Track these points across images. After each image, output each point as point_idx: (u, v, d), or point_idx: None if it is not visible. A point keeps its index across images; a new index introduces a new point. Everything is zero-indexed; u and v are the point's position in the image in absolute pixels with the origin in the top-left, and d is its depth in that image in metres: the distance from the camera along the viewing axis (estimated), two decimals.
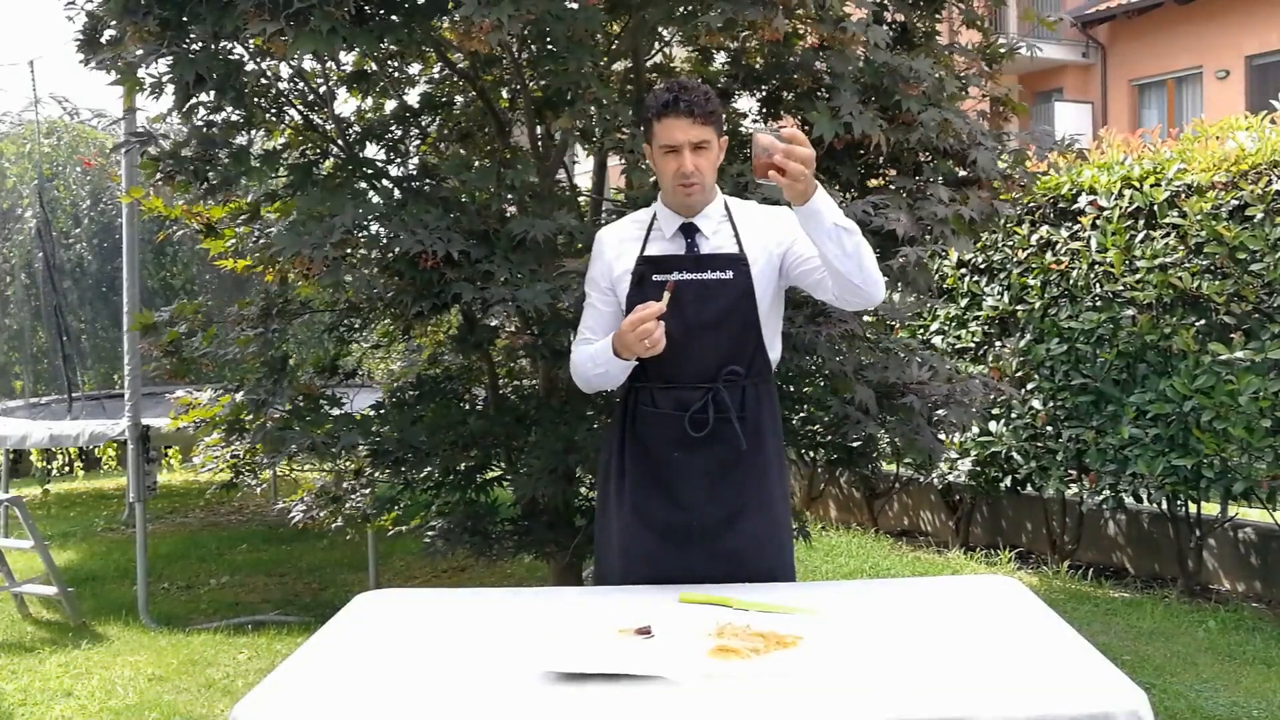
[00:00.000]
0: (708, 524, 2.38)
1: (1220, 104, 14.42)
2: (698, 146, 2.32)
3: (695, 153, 2.32)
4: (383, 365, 6.78)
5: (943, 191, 3.58)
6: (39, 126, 8.98)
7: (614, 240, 2.48)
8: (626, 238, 2.47)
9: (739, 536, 2.39)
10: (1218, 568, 5.02)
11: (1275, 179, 4.33)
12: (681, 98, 2.29)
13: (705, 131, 2.32)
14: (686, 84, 2.34)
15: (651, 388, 2.42)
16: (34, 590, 5.12)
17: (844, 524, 6.65)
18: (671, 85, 2.34)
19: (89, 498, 8.81)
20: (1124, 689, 1.63)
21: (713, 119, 2.33)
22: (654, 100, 2.34)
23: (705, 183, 2.36)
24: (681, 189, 2.35)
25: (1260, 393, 4.31)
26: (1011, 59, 4.21)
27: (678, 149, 2.31)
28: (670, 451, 2.39)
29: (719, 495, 2.39)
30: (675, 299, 2.30)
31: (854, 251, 2.21)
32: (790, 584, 2.35)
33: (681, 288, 2.33)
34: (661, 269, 2.38)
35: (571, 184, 4.42)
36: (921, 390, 3.86)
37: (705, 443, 2.37)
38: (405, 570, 5.88)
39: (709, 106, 2.31)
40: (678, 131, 2.30)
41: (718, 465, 2.38)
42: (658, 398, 2.41)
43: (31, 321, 9.22)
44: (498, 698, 1.69)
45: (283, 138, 4.27)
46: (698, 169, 2.32)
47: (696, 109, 2.29)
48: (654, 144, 2.36)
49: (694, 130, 2.30)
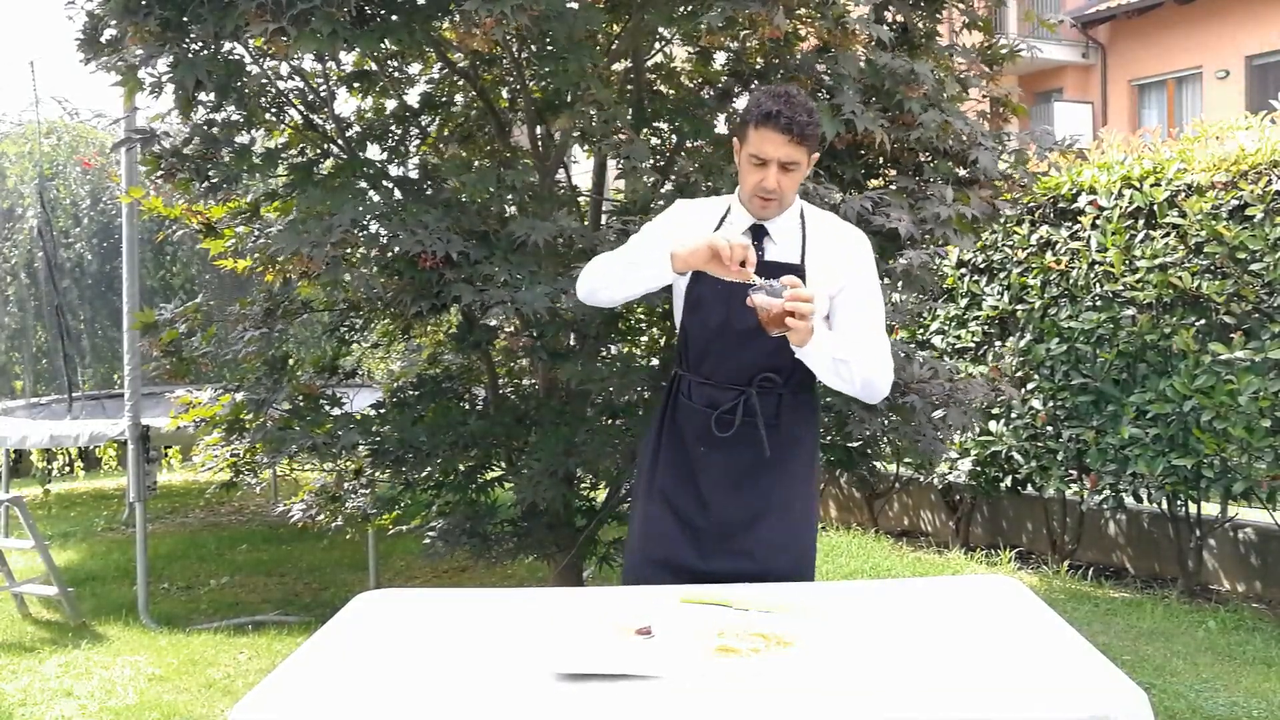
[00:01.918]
0: (726, 522, 2.39)
1: (1220, 104, 14.41)
2: (786, 165, 2.26)
3: (782, 171, 2.27)
4: (383, 365, 6.78)
5: (944, 191, 3.58)
6: (39, 126, 8.97)
7: (692, 215, 2.43)
8: (703, 219, 2.42)
9: (755, 539, 2.39)
10: (1218, 568, 5.02)
11: (1275, 179, 4.33)
12: (784, 114, 2.21)
13: (798, 152, 2.26)
14: (794, 98, 2.25)
15: (690, 379, 2.43)
16: (34, 590, 5.11)
17: (844, 524, 6.65)
18: (779, 95, 2.25)
19: (89, 498, 8.80)
20: (1124, 689, 1.63)
21: (809, 141, 2.26)
22: (756, 105, 2.26)
23: (785, 200, 2.33)
24: (759, 200, 2.32)
25: (1260, 393, 4.31)
26: (1013, 61, 4.21)
27: (766, 163, 2.26)
28: (698, 446, 2.41)
29: (741, 496, 2.39)
30: (728, 298, 2.27)
31: (852, 378, 2.27)
32: (790, 584, 2.35)
33: (737, 291, 2.24)
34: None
35: (571, 184, 4.42)
36: (922, 390, 3.86)
37: (730, 444, 2.37)
38: (405, 570, 5.88)
39: (809, 130, 2.24)
40: (770, 146, 2.24)
41: (741, 467, 2.38)
42: (693, 391, 2.42)
43: (32, 321, 9.22)
44: (498, 698, 1.69)
45: (283, 137, 4.27)
46: (780, 187, 2.28)
47: (795, 129, 2.22)
48: (744, 146, 2.31)
49: (786, 149, 2.24)
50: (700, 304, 2.37)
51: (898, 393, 3.81)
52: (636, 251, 2.36)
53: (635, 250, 2.38)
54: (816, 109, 2.30)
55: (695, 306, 2.38)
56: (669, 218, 2.46)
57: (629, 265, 2.34)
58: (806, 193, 3.34)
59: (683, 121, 3.93)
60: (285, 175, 4.05)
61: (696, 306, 2.38)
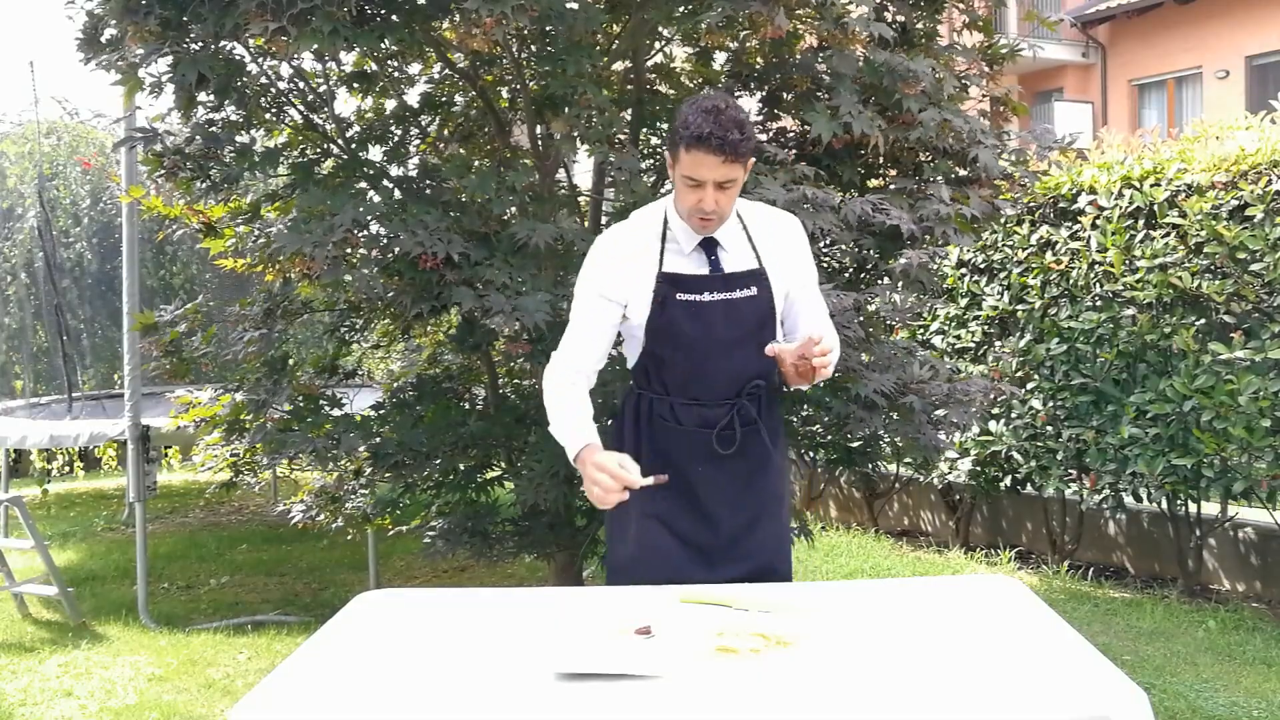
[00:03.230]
0: (731, 532, 2.37)
1: (1220, 104, 14.40)
2: (722, 184, 2.16)
3: (719, 189, 2.17)
4: (383, 365, 6.78)
5: (944, 191, 3.58)
6: (39, 126, 8.97)
7: (624, 250, 2.30)
8: (639, 249, 2.29)
9: (756, 540, 2.39)
10: (1218, 568, 5.02)
11: (1275, 179, 4.33)
12: (715, 134, 2.10)
13: (734, 170, 2.15)
14: (724, 115, 2.12)
15: (672, 401, 2.34)
16: (34, 590, 5.11)
17: (844, 524, 6.65)
18: (708, 111, 2.12)
19: (89, 498, 8.80)
20: (1124, 689, 1.63)
21: (744, 156, 2.16)
22: (684, 126, 2.14)
23: (724, 216, 2.24)
24: (699, 221, 2.23)
25: (1260, 392, 4.31)
26: (1014, 61, 4.22)
27: (701, 183, 2.16)
28: (695, 466, 2.34)
29: (741, 504, 2.37)
30: (702, 316, 2.25)
31: (831, 370, 2.27)
32: (790, 584, 2.35)
33: (710, 307, 2.25)
34: (688, 288, 2.27)
35: (571, 184, 4.42)
36: (922, 390, 3.86)
37: (728, 456, 2.34)
38: (405, 570, 5.88)
39: (743, 148, 2.13)
40: (704, 168, 2.14)
41: (740, 477, 2.37)
42: (680, 414, 2.34)
43: (31, 321, 9.22)
44: (498, 697, 1.69)
45: (283, 137, 4.27)
46: (719, 205, 2.18)
47: (728, 149, 2.11)
48: (676, 165, 2.20)
49: (722, 169, 2.14)
50: (672, 331, 2.28)
51: (898, 393, 3.81)
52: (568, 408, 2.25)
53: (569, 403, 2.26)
54: (748, 120, 2.16)
55: (667, 333, 2.29)
56: (602, 266, 2.30)
57: (555, 425, 2.27)
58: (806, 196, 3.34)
59: None
60: (286, 175, 4.06)
61: (669, 333, 2.29)
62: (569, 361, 2.32)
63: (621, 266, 2.29)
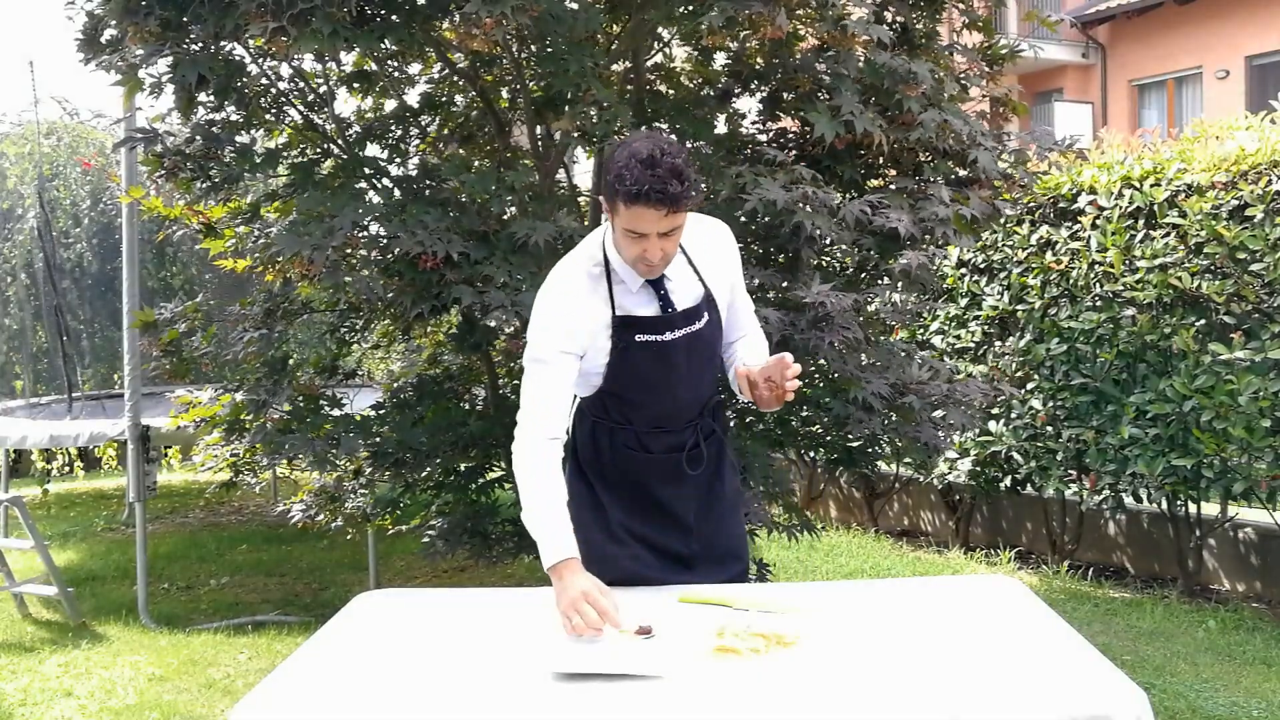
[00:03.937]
0: (706, 534, 2.40)
1: (1220, 104, 14.41)
2: (667, 233, 2.05)
3: (664, 238, 2.06)
4: (383, 365, 6.78)
5: (943, 192, 3.58)
6: (39, 127, 8.98)
7: (574, 299, 2.18)
8: (586, 292, 2.18)
9: (729, 535, 2.43)
10: (1218, 568, 5.02)
11: (1275, 179, 4.33)
12: (654, 190, 1.97)
13: (677, 219, 2.04)
14: (660, 167, 1.98)
15: (637, 431, 2.32)
16: (34, 590, 5.12)
17: (844, 524, 6.65)
18: (644, 163, 1.98)
19: (89, 498, 8.80)
20: (1124, 689, 1.63)
21: (687, 202, 2.02)
22: (619, 181, 2.00)
23: (670, 259, 2.13)
24: (642, 266, 2.12)
25: (1260, 393, 4.31)
26: (1013, 61, 4.22)
27: (644, 235, 2.05)
28: (663, 487, 2.35)
29: (707, 507, 2.41)
30: (664, 355, 2.22)
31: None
32: (790, 584, 2.36)
33: (671, 345, 2.21)
34: (646, 329, 2.19)
35: (571, 184, 4.42)
36: (922, 390, 3.86)
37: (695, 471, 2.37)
38: (405, 570, 5.88)
39: (685, 196, 2.00)
40: (646, 222, 2.02)
41: (706, 481, 2.40)
42: (648, 442, 2.32)
43: (31, 321, 9.23)
44: (498, 698, 1.69)
45: (283, 137, 4.27)
46: (665, 252, 2.09)
47: (669, 202, 1.99)
48: (615, 216, 2.08)
49: (665, 221, 2.02)
50: (637, 371, 2.23)
51: (898, 393, 3.81)
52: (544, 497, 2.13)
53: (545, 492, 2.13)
54: (686, 164, 2.01)
55: (631, 375, 2.23)
56: (552, 322, 2.17)
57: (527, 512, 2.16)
58: (807, 196, 3.34)
59: (683, 122, 3.93)
60: (286, 175, 4.06)
61: (632, 375, 2.23)
62: (540, 429, 2.17)
63: (574, 316, 2.17)
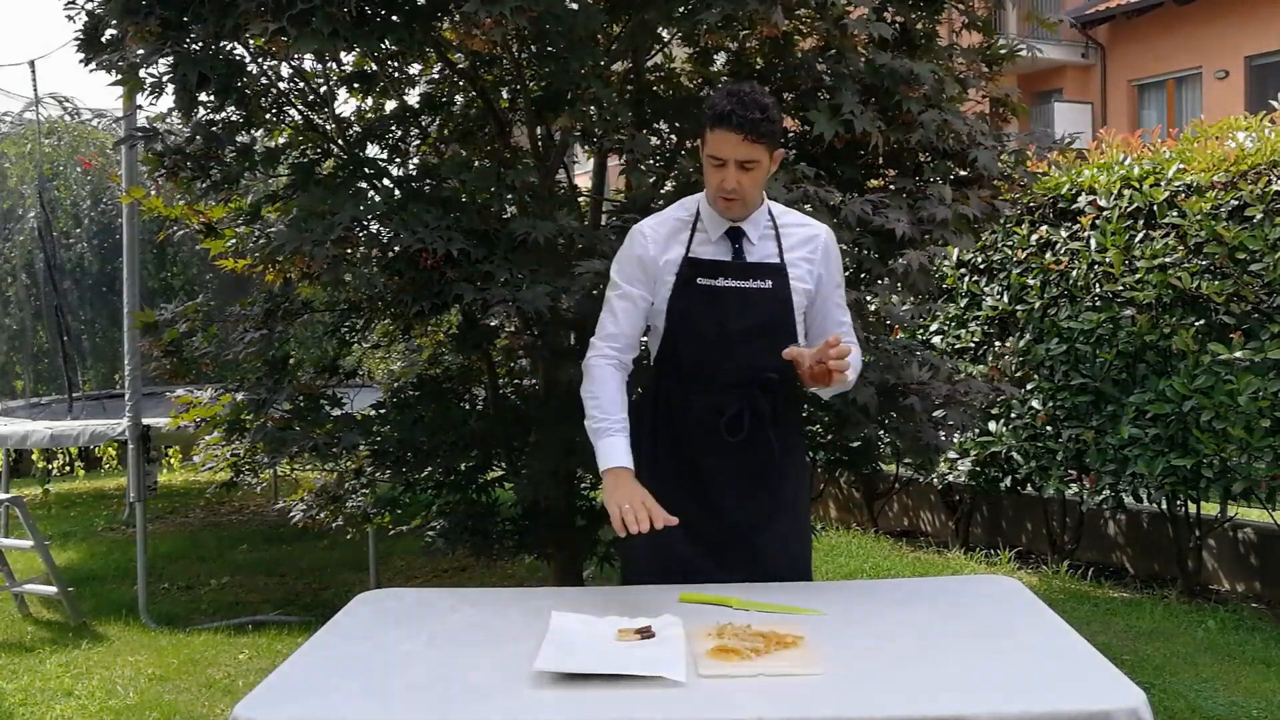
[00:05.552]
0: (738, 524, 2.39)
1: (1220, 104, 14.42)
2: (744, 164, 2.26)
3: (741, 170, 2.27)
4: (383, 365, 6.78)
5: (944, 191, 3.58)
6: (39, 126, 8.98)
7: (657, 235, 2.40)
8: (670, 234, 2.40)
9: (766, 538, 2.40)
10: (1217, 568, 5.02)
11: (1275, 179, 4.33)
12: (737, 113, 2.21)
13: (755, 150, 2.25)
14: (747, 97, 2.24)
15: (686, 388, 2.40)
16: (34, 590, 5.12)
17: (844, 524, 6.66)
18: (732, 94, 2.25)
19: (89, 498, 8.80)
20: (1124, 689, 1.63)
21: (765, 139, 2.25)
22: (710, 107, 2.27)
23: (747, 198, 2.32)
24: (722, 201, 2.32)
25: (1260, 393, 4.31)
26: (1013, 62, 4.21)
27: (725, 163, 2.27)
28: (703, 454, 2.38)
29: (751, 498, 2.39)
30: (716, 302, 2.33)
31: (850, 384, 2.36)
32: (790, 584, 2.36)
33: (724, 293, 2.34)
34: (707, 273, 2.35)
35: (571, 184, 4.42)
36: (922, 390, 3.86)
37: (738, 447, 2.37)
38: (405, 570, 5.88)
39: (763, 128, 2.23)
40: (726, 146, 2.25)
41: (750, 470, 2.39)
42: (692, 400, 2.40)
43: (32, 321, 9.22)
44: (498, 698, 1.69)
45: (283, 137, 4.27)
46: (741, 185, 2.28)
47: (748, 128, 2.21)
48: (704, 148, 2.32)
49: (743, 148, 2.24)
50: (689, 314, 2.37)
51: (898, 393, 3.81)
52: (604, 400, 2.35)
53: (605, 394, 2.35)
54: (773, 105, 2.26)
55: (684, 317, 2.38)
56: (634, 249, 2.41)
57: (590, 420, 2.36)
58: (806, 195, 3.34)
59: (683, 121, 3.93)
60: (286, 175, 4.06)
61: (685, 317, 2.38)
62: (605, 346, 2.40)
63: (654, 250, 2.38)
